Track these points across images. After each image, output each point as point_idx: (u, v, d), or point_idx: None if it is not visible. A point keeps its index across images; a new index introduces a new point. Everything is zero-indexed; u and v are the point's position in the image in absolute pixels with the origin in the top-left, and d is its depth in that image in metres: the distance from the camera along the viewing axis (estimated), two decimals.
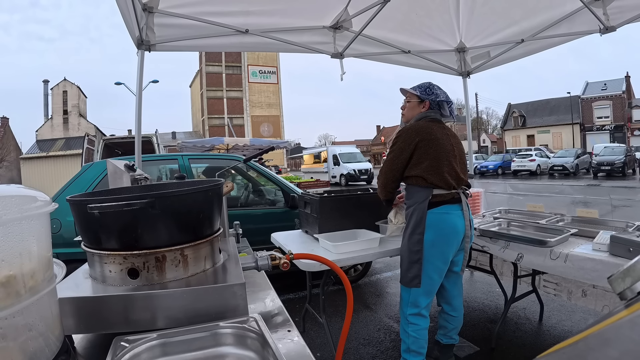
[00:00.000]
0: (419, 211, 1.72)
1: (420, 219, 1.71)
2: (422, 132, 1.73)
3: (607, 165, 15.74)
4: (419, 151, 1.71)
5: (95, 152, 6.71)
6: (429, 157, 1.71)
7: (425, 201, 1.70)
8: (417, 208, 1.73)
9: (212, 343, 0.69)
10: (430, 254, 1.70)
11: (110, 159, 1.45)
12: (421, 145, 1.71)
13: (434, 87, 1.88)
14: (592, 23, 2.59)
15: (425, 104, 1.86)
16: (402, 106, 1.95)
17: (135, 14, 2.22)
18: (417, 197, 1.74)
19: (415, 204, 1.74)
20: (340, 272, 0.95)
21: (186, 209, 0.81)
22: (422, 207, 1.71)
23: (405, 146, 1.73)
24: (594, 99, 29.40)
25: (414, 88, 1.90)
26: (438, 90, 1.87)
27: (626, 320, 0.30)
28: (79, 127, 25.52)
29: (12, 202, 0.53)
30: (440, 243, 1.70)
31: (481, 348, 2.20)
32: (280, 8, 2.68)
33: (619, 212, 7.10)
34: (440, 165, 1.71)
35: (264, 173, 3.58)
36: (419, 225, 1.71)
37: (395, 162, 1.76)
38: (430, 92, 1.86)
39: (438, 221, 1.70)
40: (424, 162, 1.71)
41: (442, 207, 1.71)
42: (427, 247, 1.70)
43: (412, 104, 1.90)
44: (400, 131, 1.80)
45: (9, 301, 0.51)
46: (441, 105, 1.87)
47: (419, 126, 1.77)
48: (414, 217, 1.74)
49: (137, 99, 2.49)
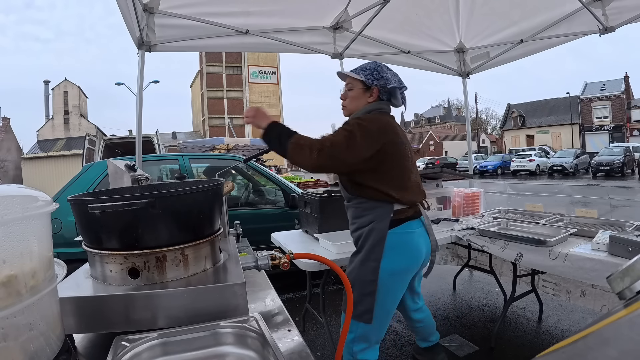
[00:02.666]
0: (378, 232, 1.35)
1: (378, 242, 1.34)
2: (389, 132, 1.35)
3: (606, 165, 15.76)
4: (382, 156, 1.32)
5: (96, 152, 6.70)
6: (395, 166, 1.36)
7: (386, 219, 1.35)
8: (374, 228, 1.36)
9: (212, 342, 0.69)
10: (388, 284, 1.36)
11: (110, 159, 1.45)
12: (387, 150, 1.33)
13: (382, 69, 1.45)
14: (591, 23, 2.59)
15: (373, 91, 1.43)
16: (342, 95, 1.51)
17: (136, 15, 2.22)
18: (375, 214, 1.37)
19: (371, 223, 1.36)
20: (340, 271, 0.95)
21: (186, 209, 0.81)
22: (382, 227, 1.34)
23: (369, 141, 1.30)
24: (593, 99, 29.42)
25: (356, 71, 1.46)
26: (388, 72, 1.45)
27: (625, 320, 0.30)
28: (80, 127, 25.51)
29: (13, 202, 0.53)
30: (402, 270, 1.38)
31: (480, 347, 2.20)
32: (281, 9, 2.69)
33: (618, 212, 7.11)
34: (404, 179, 1.39)
35: (264, 173, 3.58)
36: (375, 250, 1.34)
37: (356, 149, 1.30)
38: (378, 76, 1.43)
39: (400, 243, 1.36)
40: (389, 172, 1.35)
41: (404, 226, 1.38)
42: (384, 277, 1.35)
43: (355, 93, 1.45)
44: (361, 118, 1.37)
45: (10, 301, 0.51)
46: (392, 92, 1.44)
47: (384, 122, 1.37)
48: (370, 239, 1.36)
49: (138, 99, 2.49)
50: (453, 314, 2.72)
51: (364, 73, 1.44)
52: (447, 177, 2.67)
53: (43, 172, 21.20)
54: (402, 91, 1.47)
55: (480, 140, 36.93)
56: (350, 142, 1.29)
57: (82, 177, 3.00)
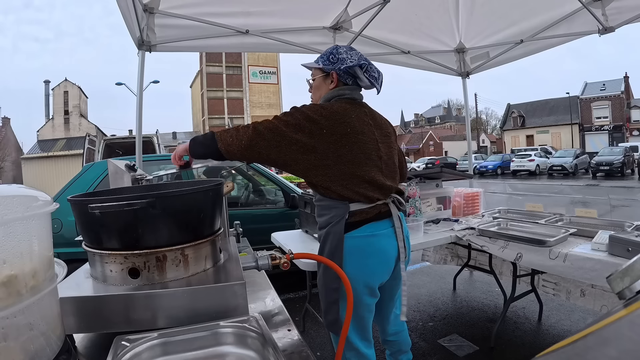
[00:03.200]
0: (334, 236, 1.22)
1: (335, 247, 1.22)
2: (335, 120, 1.19)
3: (605, 165, 15.77)
4: (325, 147, 1.18)
5: (96, 152, 6.71)
6: (341, 161, 1.19)
7: (341, 221, 1.22)
8: (330, 231, 1.23)
9: (212, 342, 0.69)
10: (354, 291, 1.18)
11: (111, 159, 1.45)
12: (331, 141, 1.18)
13: (339, 50, 1.32)
14: (591, 23, 2.60)
15: (333, 76, 1.30)
16: (309, 88, 1.41)
17: (136, 15, 2.22)
18: (331, 214, 1.25)
19: (328, 226, 1.25)
20: (340, 271, 0.95)
21: (187, 209, 0.82)
22: (338, 230, 1.22)
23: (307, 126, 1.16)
24: (592, 100, 29.43)
25: (317, 60, 1.36)
26: (346, 53, 1.31)
27: (625, 320, 0.30)
28: (80, 128, 25.50)
29: (13, 202, 0.53)
30: (367, 277, 1.24)
31: (480, 347, 2.20)
32: (281, 9, 2.69)
33: (618, 212, 7.11)
34: (355, 173, 1.21)
35: (264, 173, 3.58)
36: (334, 255, 1.22)
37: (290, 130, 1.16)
38: (334, 59, 1.30)
39: (360, 248, 1.23)
40: (333, 167, 1.19)
41: (364, 228, 1.23)
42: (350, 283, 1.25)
43: (317, 82, 1.35)
44: (305, 105, 1.25)
45: (10, 301, 0.51)
46: (354, 72, 1.29)
47: (334, 109, 1.21)
48: (328, 243, 1.24)
49: (138, 99, 2.49)
50: (453, 313, 2.72)
51: (321, 60, 1.33)
52: (447, 177, 2.67)
53: (43, 172, 21.21)
54: (364, 69, 1.29)
55: (480, 140, 36.94)
56: (281, 123, 1.16)
57: (82, 177, 3.00)
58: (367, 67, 1.30)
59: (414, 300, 3.00)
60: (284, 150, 1.16)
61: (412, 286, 3.30)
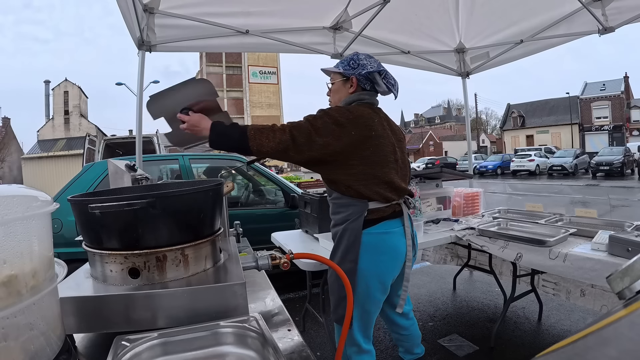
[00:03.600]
0: (351, 232, 1.30)
1: (352, 243, 1.30)
2: (360, 124, 1.27)
3: (605, 165, 15.78)
4: (351, 150, 1.26)
5: (96, 152, 6.70)
6: (364, 162, 1.27)
7: (360, 218, 1.30)
8: (348, 227, 1.31)
9: (212, 342, 0.69)
10: (365, 286, 1.32)
11: (111, 159, 1.46)
12: (357, 143, 1.26)
13: (359, 56, 1.41)
14: (590, 24, 2.60)
15: (352, 81, 1.38)
16: (328, 92, 1.49)
17: (136, 15, 2.22)
18: (349, 212, 1.32)
19: (346, 222, 1.32)
20: (340, 271, 0.95)
21: (187, 209, 0.82)
22: (356, 227, 1.30)
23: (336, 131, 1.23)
24: (592, 100, 29.44)
25: (337, 65, 1.45)
26: (366, 59, 1.40)
27: (625, 320, 0.30)
28: (80, 128, 25.50)
29: (13, 202, 0.53)
30: (379, 272, 1.33)
31: (480, 347, 2.20)
32: (281, 9, 2.69)
33: (618, 212, 7.12)
34: (381, 174, 1.30)
35: (264, 173, 3.58)
36: (350, 251, 1.30)
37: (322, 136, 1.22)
38: (355, 65, 1.39)
39: (376, 244, 1.31)
40: (356, 167, 1.28)
41: (380, 225, 1.32)
42: (361, 278, 1.31)
43: (336, 86, 1.43)
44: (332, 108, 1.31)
45: (10, 300, 0.51)
46: (373, 78, 1.38)
47: (359, 113, 1.28)
48: (345, 239, 1.32)
49: (138, 99, 2.49)
50: (453, 313, 2.72)
51: (341, 65, 1.42)
52: (447, 177, 2.67)
53: (43, 172, 21.20)
54: (383, 76, 1.38)
55: (480, 140, 36.94)
56: (313, 128, 1.22)
57: (83, 177, 3.00)
58: (385, 74, 1.39)
59: (414, 300, 3.00)
60: (313, 154, 1.24)
61: (412, 286, 3.30)
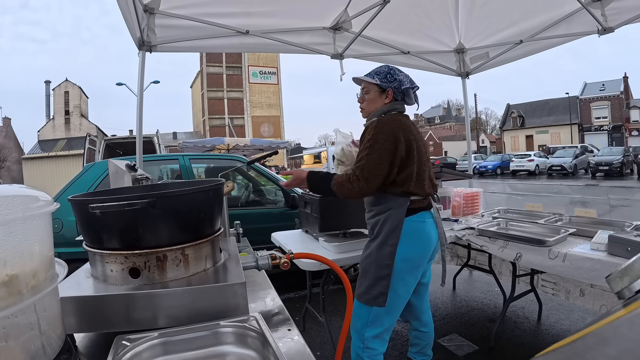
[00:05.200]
0: (394, 218, 1.45)
1: (395, 228, 1.44)
2: (404, 132, 1.45)
3: (605, 165, 15.78)
4: (401, 155, 1.44)
5: (96, 152, 6.71)
6: (411, 163, 1.45)
7: (403, 207, 1.45)
8: (391, 214, 1.46)
9: (212, 342, 0.69)
10: (401, 269, 1.45)
11: (111, 159, 1.46)
12: (403, 148, 1.44)
13: (395, 71, 1.56)
14: (590, 24, 2.60)
15: (388, 93, 1.54)
16: (360, 98, 1.62)
17: (137, 15, 2.22)
18: (391, 202, 1.48)
19: (389, 210, 1.47)
20: (340, 271, 0.95)
21: (187, 209, 0.82)
22: (399, 214, 1.45)
23: (391, 146, 1.42)
24: (592, 100, 29.45)
25: (371, 75, 1.57)
26: (400, 74, 1.56)
27: (624, 319, 0.30)
28: (81, 128, 25.50)
29: (14, 202, 0.53)
30: (415, 256, 1.48)
31: (480, 347, 2.20)
32: (281, 9, 2.69)
33: (617, 212, 7.12)
34: (421, 173, 1.49)
35: (265, 173, 3.58)
36: (392, 235, 1.44)
37: (383, 157, 1.42)
38: (392, 79, 1.53)
39: (415, 231, 1.46)
40: (406, 169, 1.45)
41: (419, 215, 1.48)
42: (399, 261, 1.44)
43: (372, 95, 1.57)
44: (377, 126, 1.46)
45: (11, 300, 0.51)
46: (406, 92, 1.55)
47: (398, 122, 1.47)
48: (387, 224, 1.46)
49: (138, 99, 2.49)
50: (452, 313, 2.73)
51: (378, 77, 1.54)
52: (447, 177, 2.67)
53: (44, 172, 21.20)
54: (414, 91, 1.57)
55: (479, 140, 36.94)
56: (374, 156, 1.41)
57: (83, 177, 3.00)
58: (415, 89, 1.58)
59: None
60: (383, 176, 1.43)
61: None
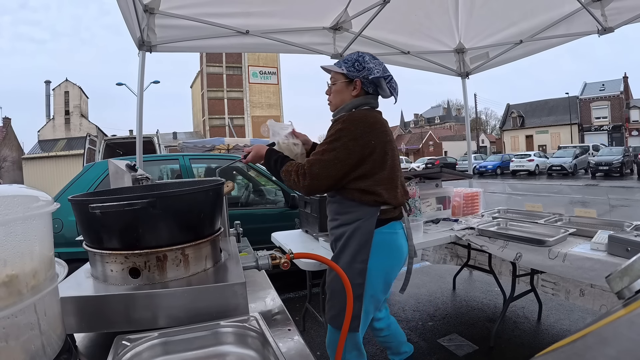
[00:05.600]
0: (364, 231, 1.28)
1: (365, 242, 1.28)
2: (379, 133, 1.28)
3: (605, 165, 15.78)
4: (373, 158, 1.27)
5: (96, 152, 6.71)
6: (384, 169, 1.29)
7: (374, 217, 1.29)
8: (360, 226, 1.29)
9: (212, 342, 0.69)
10: (373, 286, 1.30)
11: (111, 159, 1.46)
12: (377, 150, 1.27)
13: (365, 59, 1.35)
14: (590, 24, 2.60)
15: (356, 84, 1.35)
16: (327, 90, 1.44)
17: (137, 15, 2.22)
18: (361, 211, 1.30)
19: (357, 221, 1.29)
20: (340, 271, 0.95)
21: (187, 209, 0.82)
22: (369, 226, 1.28)
23: (356, 147, 1.25)
24: (592, 100, 29.46)
25: (339, 64, 1.39)
26: (371, 62, 1.34)
27: (624, 319, 0.30)
28: (81, 128, 25.52)
29: (14, 202, 0.53)
30: (388, 272, 1.34)
31: (480, 347, 2.20)
32: (281, 9, 2.69)
33: (617, 212, 7.12)
34: (394, 179, 1.32)
35: (265, 173, 3.58)
36: (362, 251, 1.28)
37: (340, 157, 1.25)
38: (360, 67, 1.34)
39: (386, 244, 1.31)
40: (378, 172, 1.29)
41: (389, 226, 1.33)
42: (370, 278, 1.29)
43: (339, 86, 1.38)
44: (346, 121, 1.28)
45: (11, 300, 0.51)
46: (377, 83, 1.35)
47: (372, 121, 1.29)
48: (355, 238, 1.29)
49: (139, 99, 2.49)
50: (452, 313, 2.73)
51: (345, 65, 1.36)
52: (447, 177, 2.67)
53: (44, 172, 21.20)
54: (388, 80, 1.36)
55: (479, 140, 36.94)
56: (331, 154, 1.25)
57: (83, 177, 3.00)
58: (390, 79, 1.36)
59: (414, 299, 3.01)
60: (338, 177, 1.27)
61: (412, 286, 3.30)
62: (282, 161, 1.37)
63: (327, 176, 1.25)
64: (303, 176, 1.26)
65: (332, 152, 1.25)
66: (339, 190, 1.34)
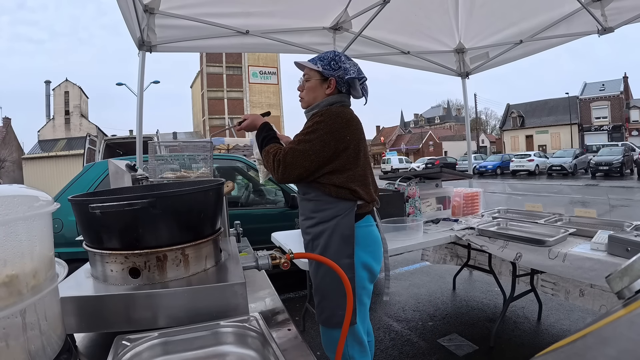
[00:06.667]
0: (344, 227, 1.29)
1: (347, 238, 1.29)
2: (355, 130, 1.31)
3: (605, 165, 15.78)
4: (347, 154, 1.29)
5: (96, 152, 6.71)
6: (358, 164, 1.32)
7: (352, 213, 1.30)
8: (340, 223, 1.29)
9: (212, 342, 0.69)
10: (362, 278, 1.32)
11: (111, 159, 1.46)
12: (352, 147, 1.29)
13: (341, 58, 1.37)
14: (590, 24, 2.60)
15: (331, 82, 1.36)
16: (300, 86, 1.44)
17: (137, 15, 2.22)
18: (336, 208, 1.30)
19: (336, 218, 1.30)
20: (340, 271, 0.95)
21: (187, 209, 0.82)
22: (349, 222, 1.29)
23: (331, 140, 1.26)
24: (592, 100, 29.46)
25: (314, 60, 1.39)
26: (347, 62, 1.37)
27: (624, 319, 0.30)
28: (81, 128, 25.55)
29: (14, 202, 0.53)
30: (373, 262, 1.36)
31: (480, 347, 2.20)
32: (281, 9, 2.69)
33: (617, 212, 7.12)
34: (368, 176, 1.35)
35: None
36: (346, 247, 1.28)
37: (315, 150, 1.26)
38: (336, 67, 1.35)
39: (366, 236, 1.33)
40: (352, 169, 1.30)
41: (366, 219, 1.35)
42: (358, 271, 1.30)
43: (312, 84, 1.38)
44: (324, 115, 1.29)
45: (11, 300, 0.51)
46: (351, 83, 1.37)
47: (349, 118, 1.31)
48: (337, 235, 1.29)
49: (138, 99, 2.49)
50: (452, 313, 2.73)
51: (321, 63, 1.37)
52: (447, 177, 2.67)
53: (44, 172, 21.19)
54: (361, 82, 1.38)
55: (479, 140, 36.94)
56: (305, 145, 1.26)
57: (83, 177, 3.00)
58: (364, 81, 1.40)
59: (414, 299, 3.01)
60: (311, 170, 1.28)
61: (412, 286, 3.31)
62: (269, 142, 1.38)
63: (299, 166, 1.26)
64: (277, 163, 1.29)
65: (308, 144, 1.26)
66: (313, 187, 1.34)
